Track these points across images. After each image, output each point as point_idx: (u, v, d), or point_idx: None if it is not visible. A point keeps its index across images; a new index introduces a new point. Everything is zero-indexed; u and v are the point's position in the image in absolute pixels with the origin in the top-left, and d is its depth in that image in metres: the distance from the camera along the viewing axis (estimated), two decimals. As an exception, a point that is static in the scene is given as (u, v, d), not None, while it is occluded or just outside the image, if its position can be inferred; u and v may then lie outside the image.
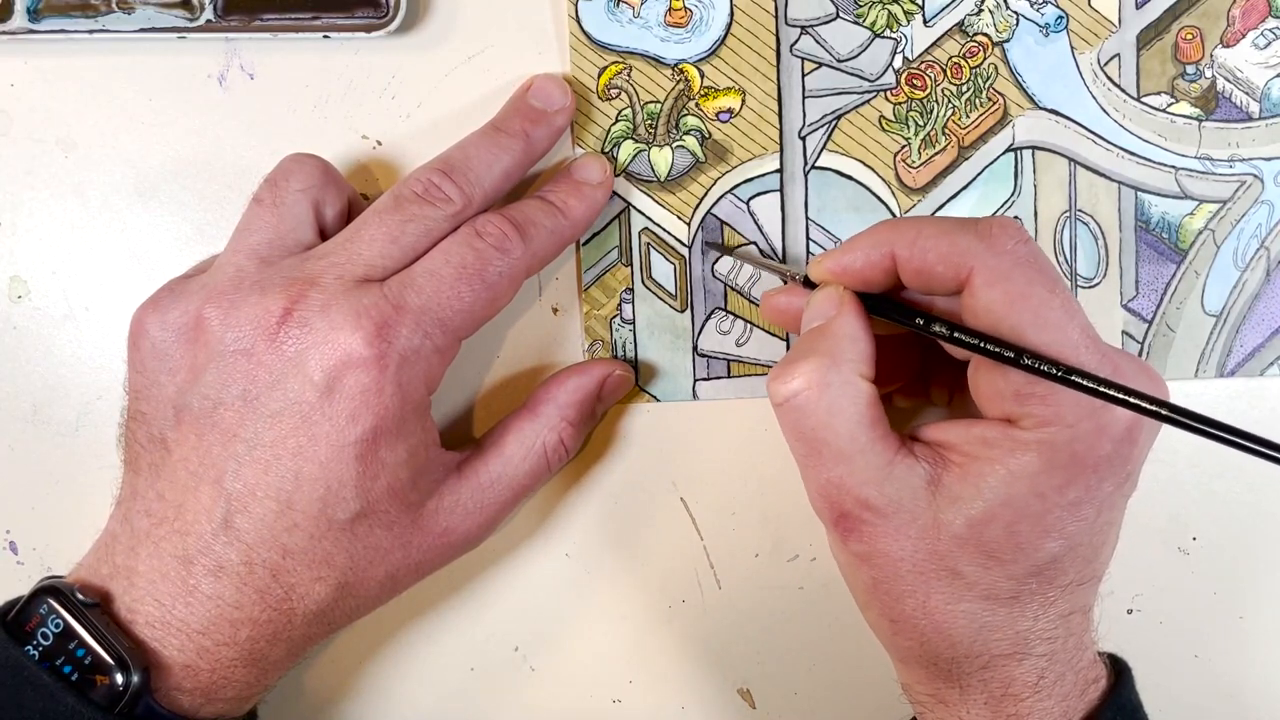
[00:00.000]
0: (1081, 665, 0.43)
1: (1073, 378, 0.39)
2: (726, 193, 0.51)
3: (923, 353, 0.48)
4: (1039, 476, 0.40)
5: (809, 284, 0.45)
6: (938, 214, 0.51)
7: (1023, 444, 0.40)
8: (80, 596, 0.41)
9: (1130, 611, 0.52)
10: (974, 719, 0.43)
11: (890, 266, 0.43)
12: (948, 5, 0.50)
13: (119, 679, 0.40)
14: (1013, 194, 0.51)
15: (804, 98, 0.51)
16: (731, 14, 0.50)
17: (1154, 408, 0.38)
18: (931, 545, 0.41)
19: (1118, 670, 0.45)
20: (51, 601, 0.41)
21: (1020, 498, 0.40)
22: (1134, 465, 0.42)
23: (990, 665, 0.42)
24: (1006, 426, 0.41)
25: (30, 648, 0.41)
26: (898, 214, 0.51)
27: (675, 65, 0.50)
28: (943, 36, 0.50)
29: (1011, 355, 0.40)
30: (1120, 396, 0.38)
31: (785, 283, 0.48)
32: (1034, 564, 0.41)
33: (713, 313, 0.51)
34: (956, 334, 0.41)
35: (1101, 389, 0.38)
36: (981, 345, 0.40)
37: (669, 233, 0.51)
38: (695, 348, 0.51)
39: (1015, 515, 0.40)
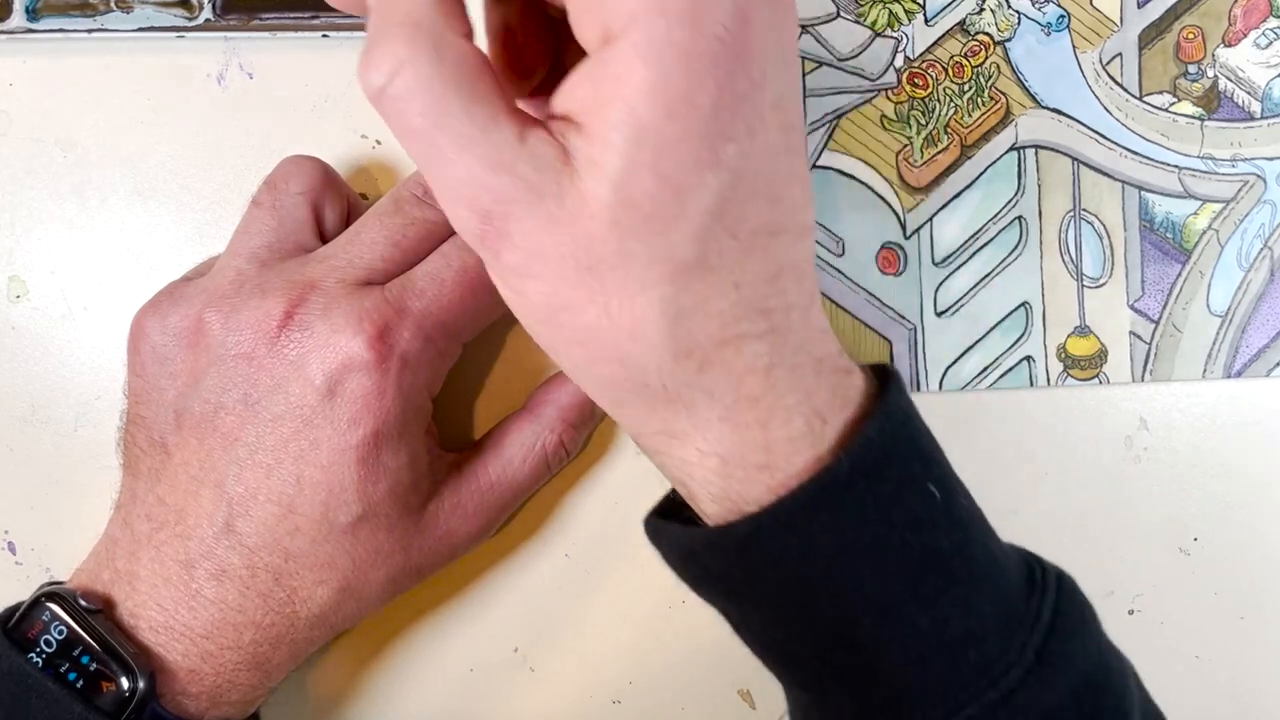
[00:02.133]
0: (822, 353, 0.37)
1: None
2: (727, 192, 0.50)
3: (556, 43, 0.41)
4: (658, 89, 0.32)
5: None
6: (942, 212, 0.51)
7: (625, 63, 0.32)
8: (83, 602, 0.41)
9: (1131, 612, 0.52)
10: (714, 444, 0.37)
11: None
12: (949, 4, 0.50)
13: (125, 685, 0.40)
14: (1016, 193, 0.51)
15: (805, 97, 0.50)
16: (733, 13, 0.50)
17: None
18: (586, 228, 0.34)
19: (885, 379, 0.39)
20: (54, 608, 0.41)
21: (651, 128, 0.33)
22: (752, 52, 0.34)
23: (706, 365, 0.36)
24: (605, 49, 0.33)
25: (33, 655, 0.41)
26: (900, 214, 0.51)
27: (676, 64, 0.50)
28: (944, 35, 0.50)
29: None
30: None
31: None
32: (703, 209, 0.34)
33: (714, 313, 0.51)
34: None
35: None
36: None
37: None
38: (696, 348, 0.51)
39: (655, 153, 0.33)
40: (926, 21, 0.50)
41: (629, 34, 0.32)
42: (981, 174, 0.51)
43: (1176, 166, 0.50)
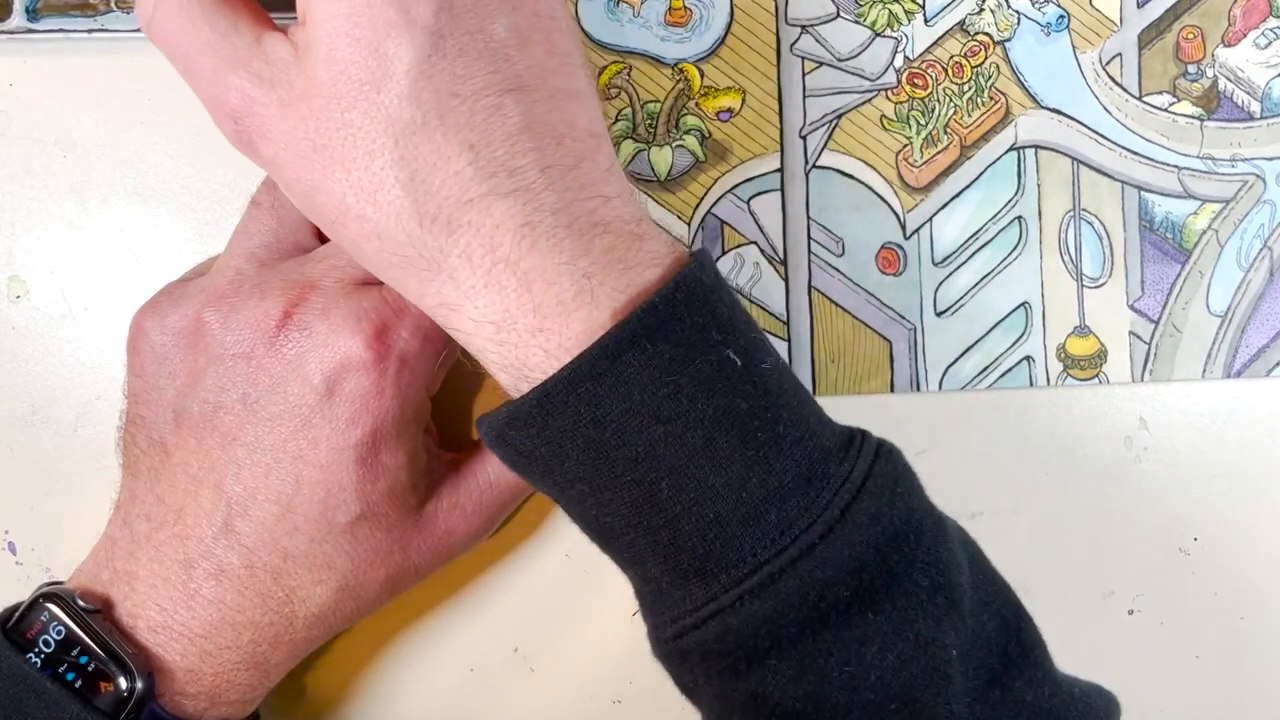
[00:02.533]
0: (601, 216, 0.38)
1: None
2: (727, 192, 0.51)
3: None
4: None
5: None
6: (942, 212, 0.51)
7: None
8: (81, 603, 0.41)
9: (1131, 612, 0.52)
10: (484, 310, 0.37)
11: None
12: (949, 4, 0.50)
13: (123, 685, 0.40)
14: (1016, 193, 0.51)
15: (804, 97, 0.50)
16: (731, 13, 0.50)
17: None
18: (311, 106, 0.37)
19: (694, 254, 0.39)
20: (52, 608, 0.41)
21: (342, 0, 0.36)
22: None
23: (454, 227, 0.37)
24: None
25: (32, 655, 0.41)
26: (900, 214, 0.51)
27: (675, 65, 0.50)
28: (944, 36, 0.50)
29: None
30: None
31: None
32: (407, 68, 0.36)
33: (713, 313, 0.51)
34: None
35: None
36: None
37: (669, 232, 0.50)
38: (696, 348, 0.51)
39: (347, 19, 0.36)
40: (926, 22, 0.50)
41: None
42: (981, 174, 0.51)
43: (1176, 166, 0.50)
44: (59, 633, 0.41)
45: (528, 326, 0.37)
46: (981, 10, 0.50)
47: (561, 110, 0.38)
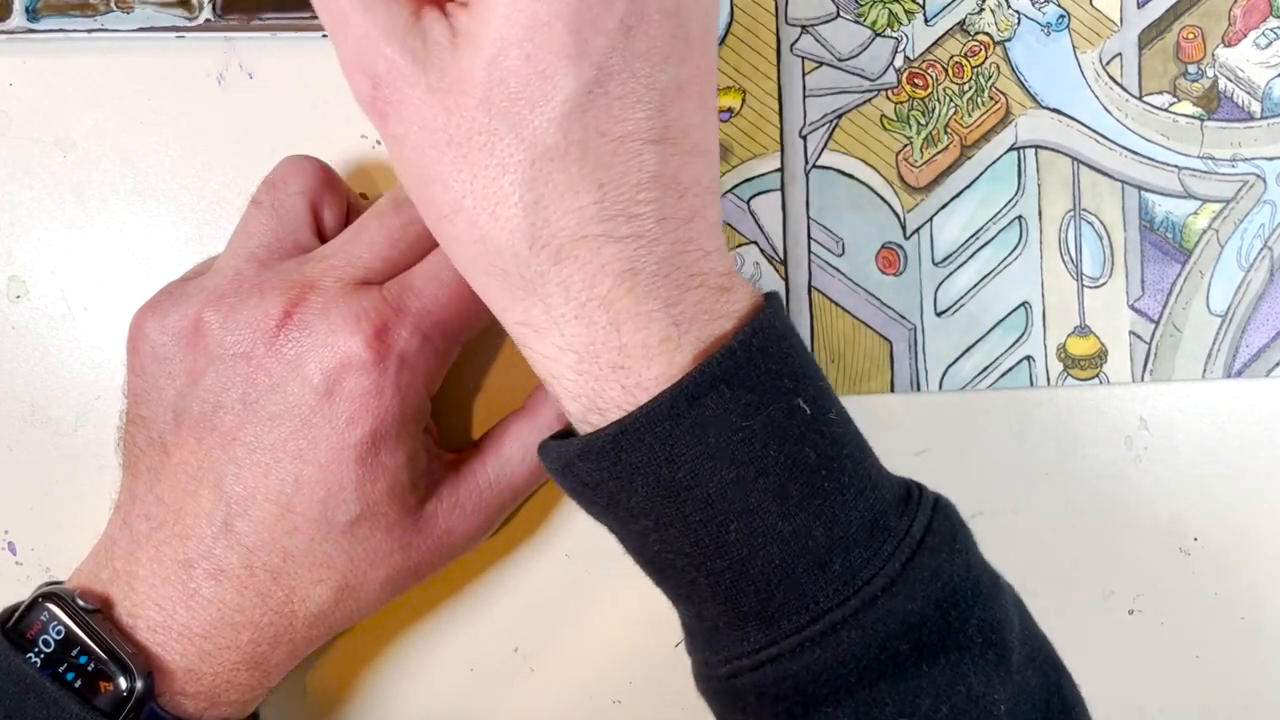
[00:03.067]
0: (698, 269, 0.38)
1: None
2: (727, 192, 0.51)
3: None
4: None
5: None
6: (942, 212, 0.51)
7: None
8: (81, 602, 0.41)
9: (1131, 612, 0.52)
10: (570, 340, 0.38)
11: None
12: (949, 4, 0.50)
13: (123, 684, 0.40)
14: (1016, 193, 0.51)
15: (804, 97, 0.50)
16: (731, 13, 0.50)
17: None
18: (460, 102, 0.36)
19: (767, 299, 0.40)
20: (52, 608, 0.41)
21: (525, 7, 0.35)
22: None
23: (561, 258, 0.37)
24: None
25: (32, 655, 0.41)
26: (900, 214, 0.51)
27: (676, 64, 0.50)
28: (944, 35, 0.50)
29: None
30: None
31: None
32: (566, 98, 0.36)
33: (713, 312, 0.51)
34: None
35: None
36: None
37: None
38: (696, 348, 0.51)
39: (524, 31, 0.35)
40: (926, 21, 0.50)
41: None
42: (981, 174, 0.51)
43: (1176, 166, 0.50)
44: (59, 632, 0.41)
45: (609, 363, 0.37)
46: (981, 10, 0.50)
47: (691, 166, 0.38)
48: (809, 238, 0.51)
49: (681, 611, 0.42)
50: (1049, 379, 0.51)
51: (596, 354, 0.37)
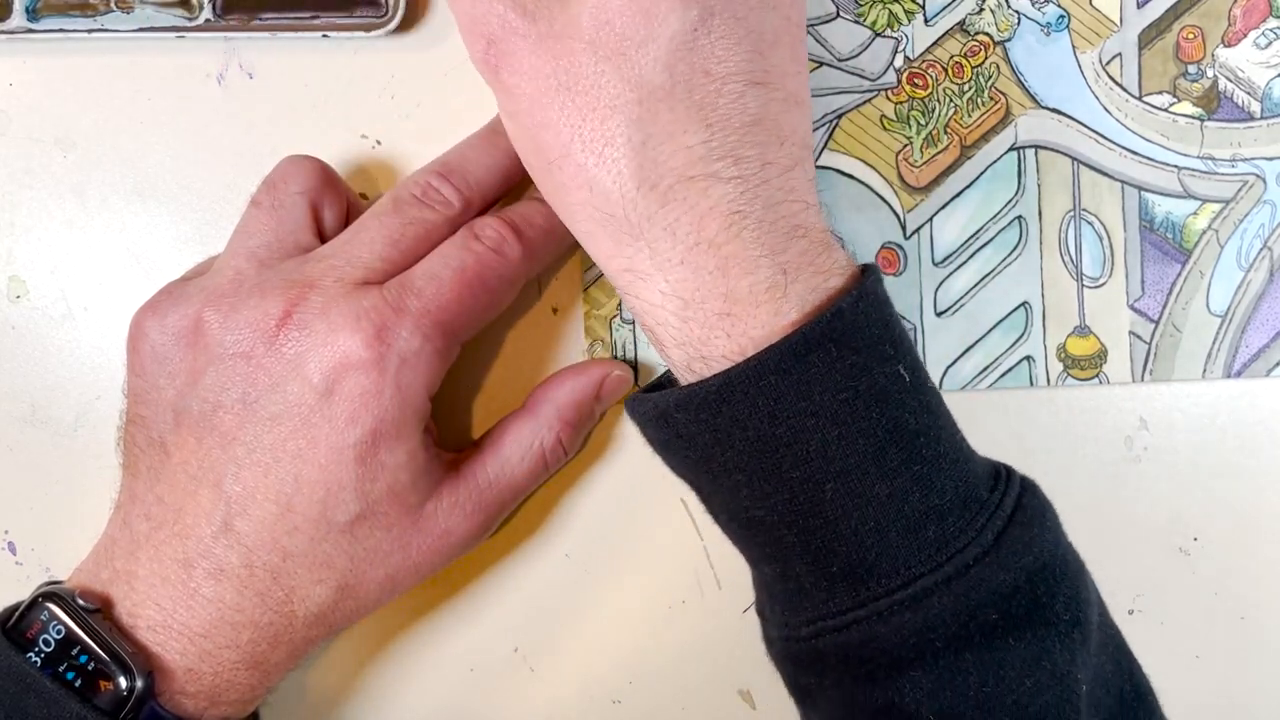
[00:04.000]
0: (800, 221, 0.39)
1: None
2: (727, 192, 0.50)
3: None
4: None
5: None
6: (942, 212, 0.51)
7: None
8: (81, 602, 0.41)
9: (1131, 612, 0.52)
10: (675, 285, 0.38)
11: None
12: (948, 4, 0.50)
13: (123, 684, 0.40)
14: (1016, 193, 0.51)
15: (805, 96, 0.50)
16: (732, 13, 0.50)
17: None
18: (568, 47, 0.38)
19: (866, 268, 0.41)
20: (52, 607, 0.41)
21: None
22: None
23: (669, 199, 0.38)
24: None
25: (32, 654, 0.41)
26: (900, 214, 0.51)
27: (676, 64, 0.50)
28: (944, 36, 0.50)
29: None
30: None
31: None
32: (672, 35, 0.37)
33: (713, 312, 0.51)
34: None
35: None
36: None
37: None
38: (696, 348, 0.51)
39: None
40: (926, 21, 0.50)
41: None
42: (981, 174, 0.51)
43: (1176, 166, 0.50)
44: (59, 632, 0.41)
45: (715, 309, 0.38)
46: (981, 10, 0.50)
47: (790, 115, 0.39)
48: (809, 238, 0.51)
49: (764, 571, 0.42)
50: (1049, 379, 0.51)
51: (703, 299, 0.38)
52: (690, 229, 0.38)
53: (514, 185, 0.48)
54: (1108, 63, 0.50)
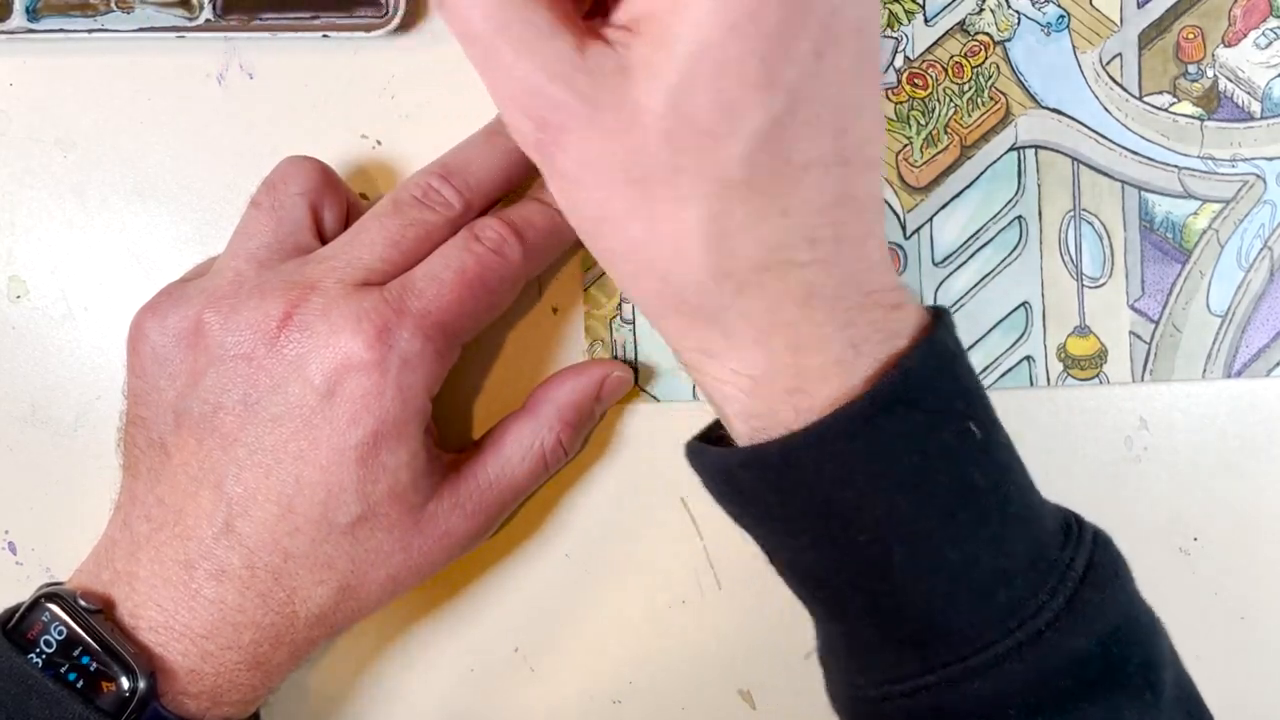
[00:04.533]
0: (871, 286, 0.37)
1: None
2: (727, 192, 0.50)
3: None
4: (721, 4, 0.33)
5: None
6: (942, 212, 0.51)
7: None
8: (82, 603, 0.41)
9: (1131, 612, 0.52)
10: (747, 365, 0.37)
11: None
12: (949, 4, 0.50)
13: (125, 685, 0.40)
14: (1016, 193, 0.51)
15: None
16: (732, 13, 0.50)
17: None
18: (639, 140, 0.34)
19: (937, 315, 0.39)
20: (53, 608, 0.41)
21: (713, 42, 0.33)
22: None
23: (744, 288, 0.36)
24: None
25: (33, 656, 0.41)
26: (900, 214, 0.51)
27: (676, 64, 0.50)
28: (944, 36, 0.50)
29: None
30: None
31: None
32: (755, 131, 0.34)
33: (713, 312, 0.51)
34: None
35: None
36: None
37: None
38: (696, 348, 0.51)
39: (713, 67, 0.33)
40: (926, 21, 0.50)
41: None
42: (981, 174, 0.51)
43: (1176, 166, 0.50)
44: (60, 633, 0.41)
45: (785, 386, 0.37)
46: (981, 10, 0.50)
47: (868, 181, 0.37)
48: (809, 238, 0.51)
49: (828, 628, 0.41)
50: (1049, 379, 0.51)
51: (773, 377, 0.37)
52: (765, 314, 0.36)
53: (514, 186, 0.48)
54: (1108, 62, 0.50)
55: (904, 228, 0.51)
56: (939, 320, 0.38)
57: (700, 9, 0.33)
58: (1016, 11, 0.50)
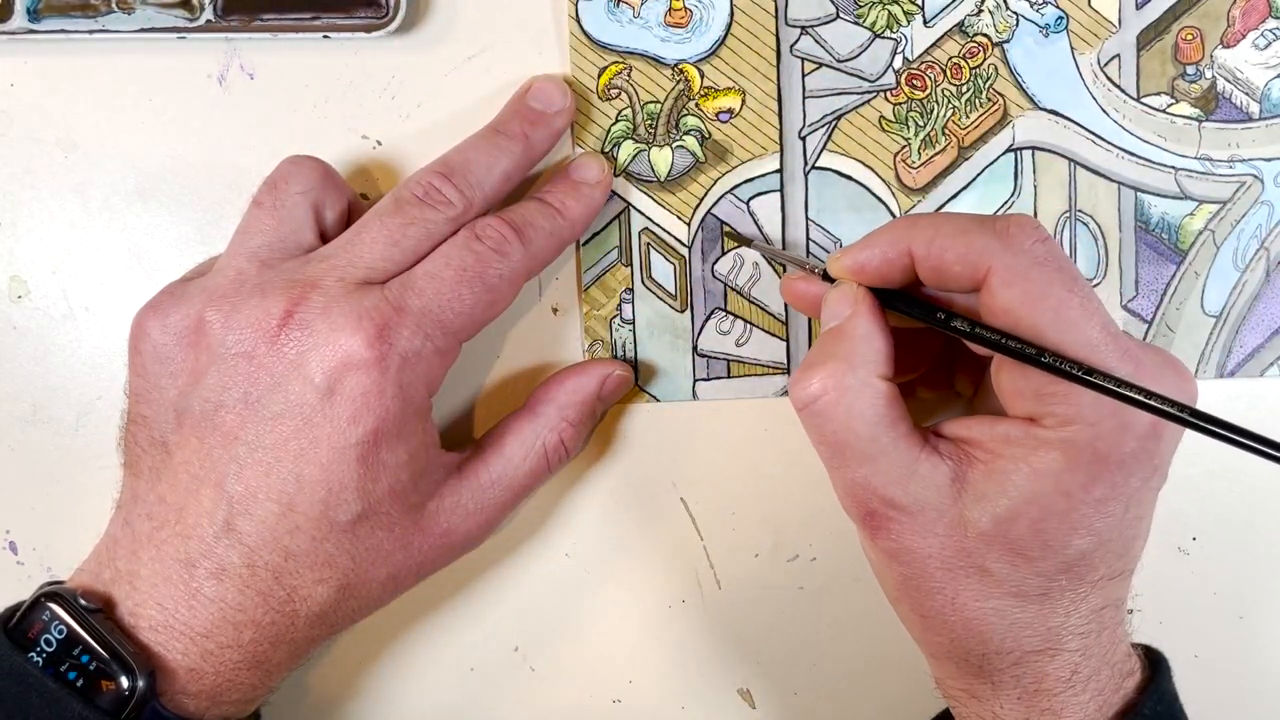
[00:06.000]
0: (1116, 659, 0.43)
1: (1091, 378, 0.38)
2: (726, 193, 0.51)
3: (945, 342, 0.48)
4: (1063, 475, 0.40)
5: (828, 278, 0.45)
6: (940, 213, 0.51)
7: (1045, 443, 0.40)
8: (83, 602, 0.41)
9: (1130, 611, 0.52)
10: (1008, 714, 0.43)
11: (907, 264, 0.42)
12: (948, 6, 0.50)
13: (125, 684, 0.40)
14: (1013, 194, 0.51)
15: (804, 98, 0.50)
16: (731, 14, 0.50)
17: (1171, 410, 0.38)
18: (958, 543, 0.41)
19: (1153, 661, 0.45)
20: (54, 607, 0.41)
21: (1045, 495, 0.40)
22: (1161, 459, 0.42)
23: (1022, 662, 0.42)
24: (1029, 425, 0.41)
25: (34, 654, 0.41)
26: (898, 214, 0.51)
27: (675, 65, 0.50)
28: (943, 37, 0.50)
29: (1032, 353, 0.39)
30: (1137, 398, 0.38)
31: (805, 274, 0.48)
32: (1063, 561, 0.41)
33: (713, 313, 0.51)
34: (977, 330, 0.41)
35: (1119, 390, 0.38)
36: (1002, 342, 0.40)
37: (669, 233, 0.51)
38: (695, 348, 0.51)
39: (1041, 513, 0.40)
40: (925, 23, 0.50)
41: (1059, 429, 0.40)
42: (979, 175, 0.51)
43: (1173, 167, 0.51)
44: (61, 632, 0.41)
45: None
46: (980, 11, 0.50)
47: (1129, 581, 0.44)
48: (808, 238, 0.51)
49: None
50: (1047, 379, 0.51)
51: None
52: (1033, 681, 0.42)
53: (515, 185, 0.48)
54: (1106, 64, 0.51)
55: (903, 229, 0.51)
56: (1159, 667, 0.45)
57: (1043, 472, 0.40)
58: (1015, 13, 0.50)
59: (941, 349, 0.48)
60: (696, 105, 0.50)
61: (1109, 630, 0.43)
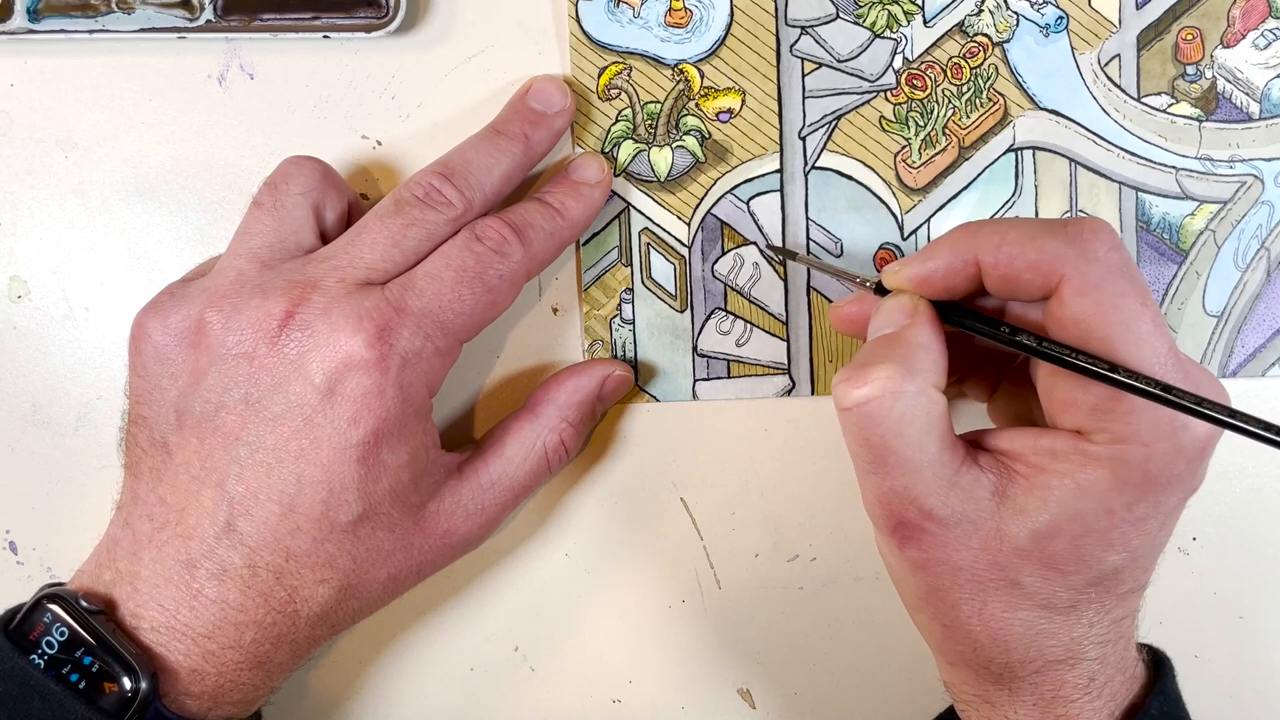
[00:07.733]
0: (1127, 662, 0.43)
1: (1173, 397, 0.37)
2: (726, 193, 0.51)
3: (962, 348, 0.47)
4: (1109, 493, 0.39)
5: (881, 290, 0.44)
6: (939, 214, 0.51)
7: (1094, 459, 0.39)
8: (84, 603, 0.41)
9: (1130, 612, 0.52)
10: (1021, 719, 0.43)
11: (974, 274, 0.41)
12: (948, 5, 0.50)
13: (127, 685, 0.40)
14: (1014, 194, 0.51)
15: (804, 98, 0.50)
16: (731, 14, 0.50)
17: (1264, 433, 0.37)
18: (993, 556, 0.40)
19: (1156, 661, 0.45)
20: (55, 609, 0.41)
21: (1088, 513, 0.39)
22: (1201, 478, 0.41)
23: (1043, 670, 0.42)
24: (1077, 439, 0.40)
25: (35, 656, 0.41)
26: (898, 214, 0.51)
27: (675, 65, 0.50)
28: (943, 37, 0.50)
29: (1105, 370, 0.38)
30: (1227, 420, 0.37)
31: (855, 289, 0.46)
32: (1095, 575, 0.41)
33: (713, 313, 0.51)
34: (1045, 346, 0.40)
35: (1208, 412, 0.37)
36: (1072, 359, 0.39)
37: (669, 233, 0.51)
38: (695, 348, 0.51)
39: (1081, 529, 0.40)
40: (925, 23, 0.50)
41: (1110, 446, 0.39)
42: (979, 175, 0.51)
43: (1174, 167, 0.51)
44: (62, 634, 0.41)
45: None
46: (980, 11, 0.50)
47: (1143, 595, 0.44)
48: (808, 239, 0.51)
49: None
50: (1048, 379, 0.51)
51: None
52: (1050, 688, 0.42)
53: (515, 185, 0.48)
54: (1106, 64, 0.51)
55: (901, 229, 0.51)
56: (1161, 667, 0.45)
57: (1086, 489, 0.39)
58: (1015, 13, 0.50)
59: (959, 356, 0.47)
60: (696, 105, 0.50)
61: (1125, 639, 0.43)
